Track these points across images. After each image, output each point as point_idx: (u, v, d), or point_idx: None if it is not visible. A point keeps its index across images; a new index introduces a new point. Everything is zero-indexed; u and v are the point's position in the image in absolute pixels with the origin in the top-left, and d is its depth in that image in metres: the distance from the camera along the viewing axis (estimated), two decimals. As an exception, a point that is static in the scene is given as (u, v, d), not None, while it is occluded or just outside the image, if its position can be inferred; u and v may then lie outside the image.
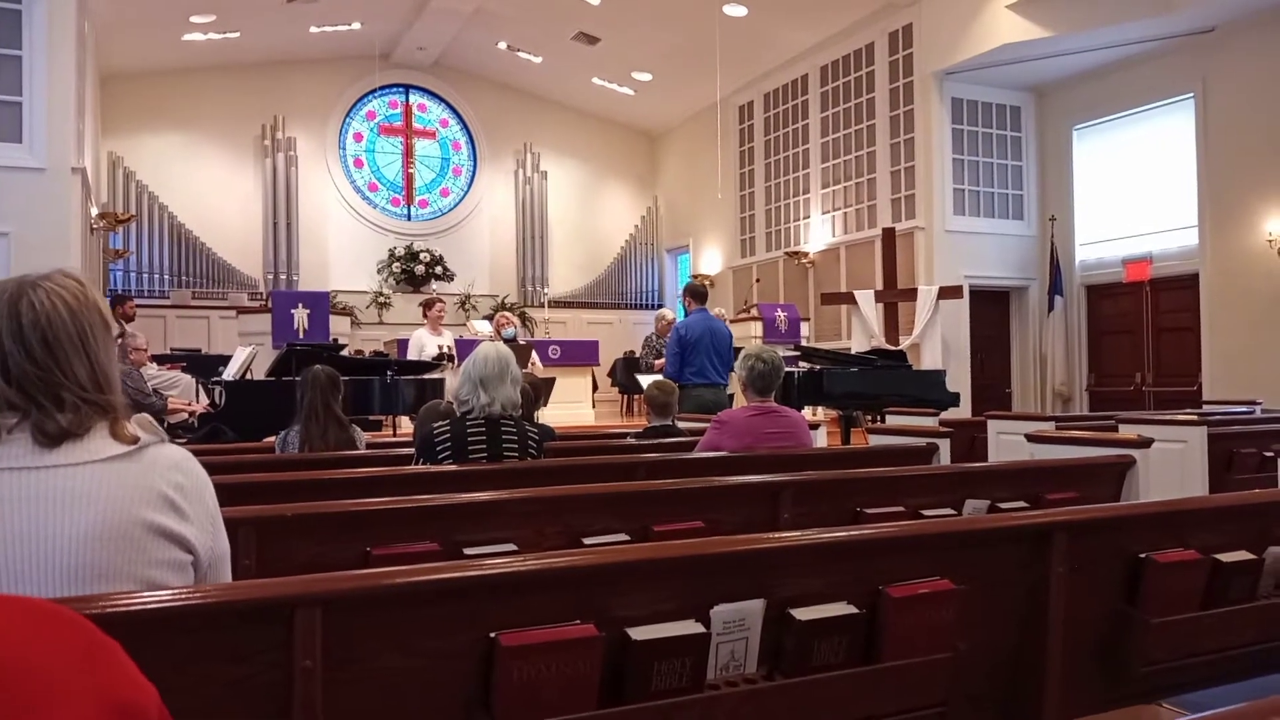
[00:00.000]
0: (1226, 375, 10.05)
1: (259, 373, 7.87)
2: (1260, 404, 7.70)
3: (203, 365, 9.38)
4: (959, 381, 10.62)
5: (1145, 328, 11.21)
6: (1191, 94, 10.47)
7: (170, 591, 1.36)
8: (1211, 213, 10.28)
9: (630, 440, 4.90)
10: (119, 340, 7.40)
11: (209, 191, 15.02)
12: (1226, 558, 2.28)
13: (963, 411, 9.70)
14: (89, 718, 0.72)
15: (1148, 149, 11.12)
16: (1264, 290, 9.76)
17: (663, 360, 10.53)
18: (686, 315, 7.11)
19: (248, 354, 7.84)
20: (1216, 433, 5.10)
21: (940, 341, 11.24)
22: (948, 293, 11.23)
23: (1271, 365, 9.56)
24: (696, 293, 7.17)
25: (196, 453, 1.59)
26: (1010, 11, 10.45)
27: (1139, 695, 2.29)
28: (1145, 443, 3.61)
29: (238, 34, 13.61)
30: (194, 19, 12.85)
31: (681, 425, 5.16)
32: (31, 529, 1.32)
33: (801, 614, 1.78)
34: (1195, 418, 5.55)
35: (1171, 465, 4.93)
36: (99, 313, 1.45)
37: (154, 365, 8.45)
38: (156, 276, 14.57)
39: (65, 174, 8.51)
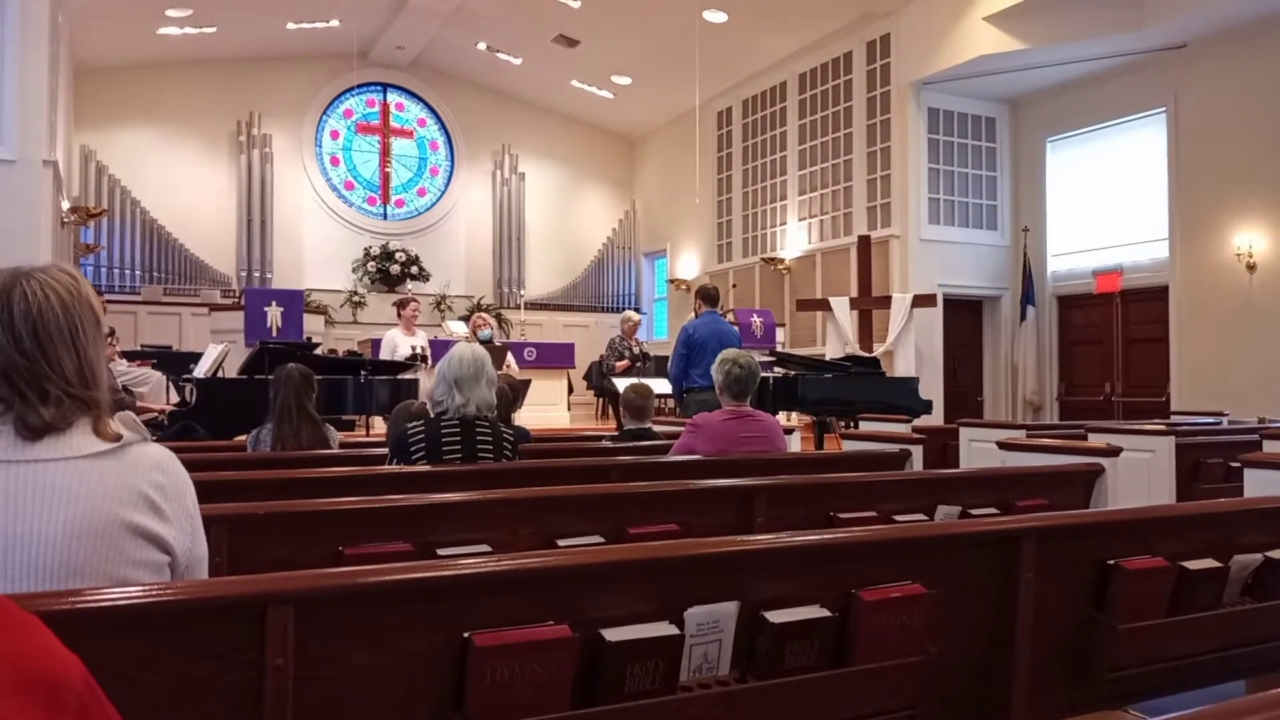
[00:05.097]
0: (1194, 386, 10.19)
1: (231, 371, 7.81)
2: (1227, 415, 7.80)
3: (173, 362, 9.29)
4: (932, 389, 10.71)
5: (1115, 338, 11.35)
6: (1163, 108, 10.62)
7: (142, 588, 1.34)
8: (1182, 226, 10.42)
9: (605, 443, 4.90)
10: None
11: (182, 187, 14.89)
12: (1193, 565, 2.30)
13: (935, 418, 9.78)
14: (1, 686, 0.71)
15: (1120, 162, 11.26)
16: (1232, 303, 9.91)
17: (625, 362, 10.57)
18: (696, 317, 7.00)
19: (220, 351, 7.77)
20: (1184, 443, 5.16)
21: (914, 349, 11.31)
22: (922, 301, 11.31)
23: (1238, 377, 9.70)
24: (708, 294, 7.03)
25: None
26: (987, 24, 10.55)
27: (1105, 700, 2.31)
28: (1114, 451, 3.65)
29: (214, 29, 13.50)
30: (170, 13, 12.74)
31: (657, 429, 5.16)
32: (8, 524, 1.30)
33: (774, 617, 1.78)
34: (1163, 428, 5.61)
35: (1139, 474, 4.99)
36: (91, 309, 1.44)
37: (124, 361, 8.35)
38: (128, 272, 14.41)
39: (36, 166, 8.41)
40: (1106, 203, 11.43)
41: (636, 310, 14.65)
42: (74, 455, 1.35)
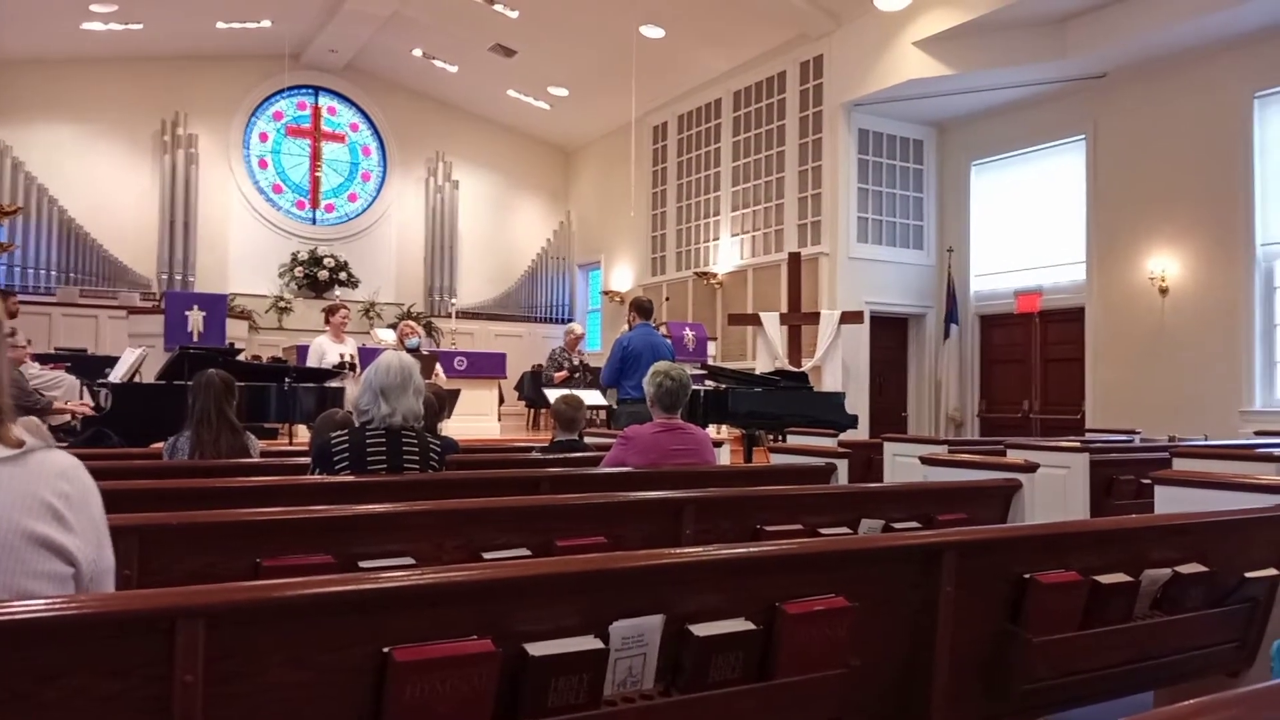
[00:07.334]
0: (1108, 405, 10.53)
1: (149, 376, 7.58)
2: (1139, 433, 8.07)
3: (88, 366, 8.98)
4: (858, 404, 10.87)
5: (1034, 357, 11.67)
6: (1083, 136, 10.99)
7: (44, 601, 1.29)
8: (1098, 250, 10.78)
9: (535, 454, 4.87)
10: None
11: (103, 187, 14.44)
12: (1105, 579, 2.37)
13: (861, 433, 9.93)
14: None
15: (1041, 186, 11.61)
16: (1145, 325, 10.28)
17: (564, 373, 10.55)
18: (630, 329, 7.05)
19: (137, 356, 7.54)
20: (1098, 459, 5.32)
21: (841, 364, 11.50)
22: (849, 317, 11.51)
23: (1150, 396, 10.06)
24: (642, 307, 7.10)
25: (77, 456, 1.51)
26: (917, 48, 10.81)
27: (1022, 711, 2.36)
28: (1031, 467, 3.75)
29: (140, 25, 13.15)
30: (94, 8, 12.38)
31: (588, 440, 5.15)
32: None
33: (700, 630, 1.79)
34: (1078, 445, 5.78)
35: (1055, 489, 5.12)
36: None
37: (36, 364, 8.04)
38: (43, 272, 13.92)
39: (-55, 161, 8.08)
40: (1027, 225, 11.77)
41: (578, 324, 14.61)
42: None
